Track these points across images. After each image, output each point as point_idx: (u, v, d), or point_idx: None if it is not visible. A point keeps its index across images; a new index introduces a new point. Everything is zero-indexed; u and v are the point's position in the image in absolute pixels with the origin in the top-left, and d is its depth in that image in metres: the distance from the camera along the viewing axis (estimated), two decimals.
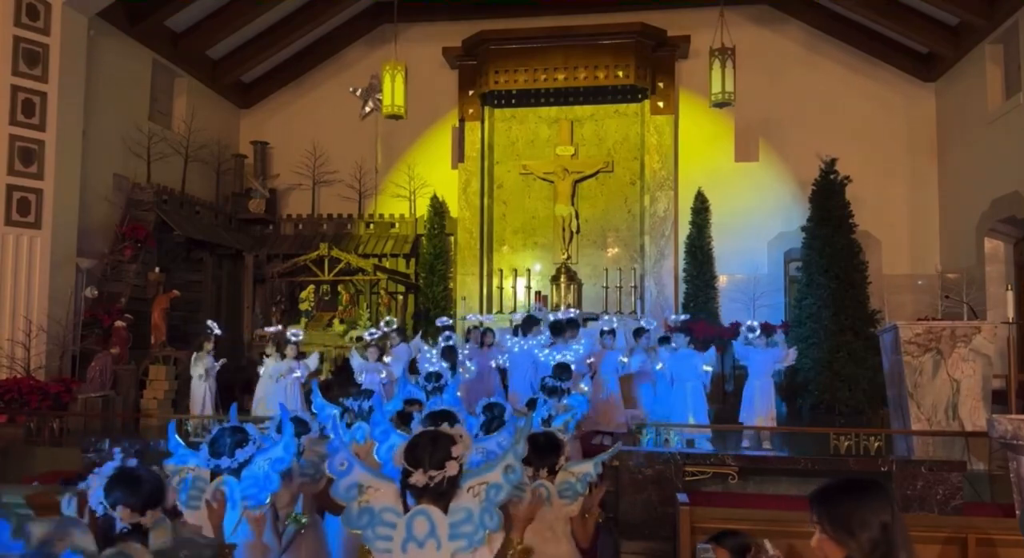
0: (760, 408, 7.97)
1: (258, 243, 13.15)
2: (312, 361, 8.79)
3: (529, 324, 8.43)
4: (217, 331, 8.86)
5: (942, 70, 12.05)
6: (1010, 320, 7.27)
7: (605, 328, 8.69)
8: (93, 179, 10.35)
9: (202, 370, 8.72)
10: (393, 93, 10.55)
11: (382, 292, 12.15)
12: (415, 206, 13.18)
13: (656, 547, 4.89)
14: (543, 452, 3.11)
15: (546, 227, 12.77)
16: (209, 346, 8.86)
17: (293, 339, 8.81)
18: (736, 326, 10.18)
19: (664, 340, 8.37)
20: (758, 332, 8.20)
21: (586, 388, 7.10)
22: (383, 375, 8.26)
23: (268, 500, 2.93)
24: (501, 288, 12.66)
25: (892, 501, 1.97)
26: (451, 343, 8.32)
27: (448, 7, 13.04)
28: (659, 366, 8.14)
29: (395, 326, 9.31)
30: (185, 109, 12.56)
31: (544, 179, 12.74)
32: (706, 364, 8.05)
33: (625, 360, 8.01)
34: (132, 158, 11.31)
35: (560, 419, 4.59)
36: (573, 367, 6.92)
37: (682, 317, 9.51)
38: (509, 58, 12.16)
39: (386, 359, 8.55)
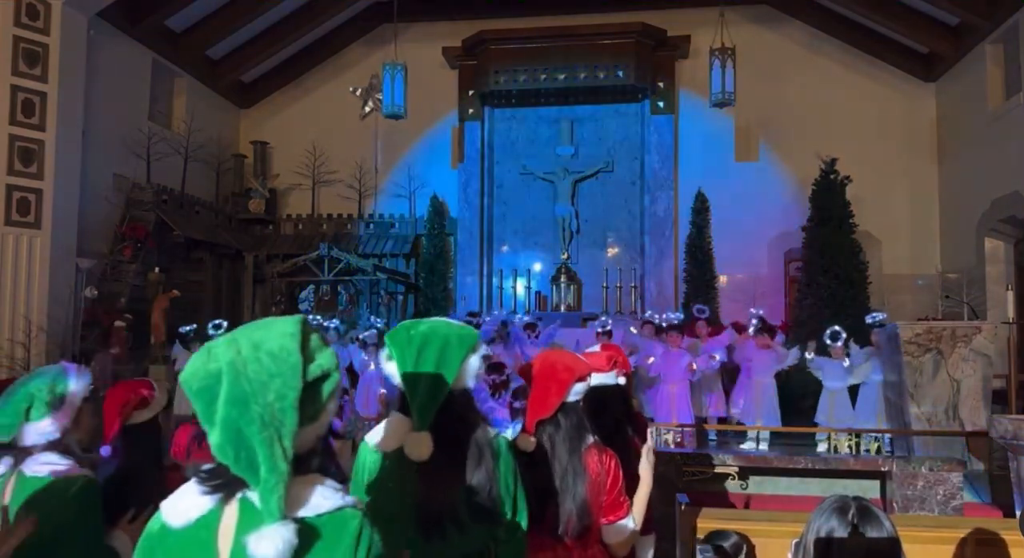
0: (761, 411, 7.94)
1: (258, 243, 13.15)
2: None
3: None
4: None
5: (942, 70, 12.05)
6: (1010, 320, 7.27)
7: (600, 329, 8.69)
8: (93, 179, 10.35)
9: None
10: (393, 93, 10.55)
11: (382, 292, 12.15)
12: (415, 206, 13.18)
13: (656, 547, 4.88)
14: None
15: (546, 227, 12.77)
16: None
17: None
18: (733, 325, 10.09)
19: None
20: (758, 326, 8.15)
21: None
22: None
23: None
24: (501, 288, 12.66)
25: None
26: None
27: (448, 7, 13.04)
28: (650, 360, 8.15)
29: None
30: (185, 109, 12.56)
31: (544, 179, 12.74)
32: (694, 363, 8.02)
33: None
34: (132, 158, 11.31)
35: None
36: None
37: (673, 316, 9.34)
38: (509, 58, 12.15)
39: None
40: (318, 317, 10.04)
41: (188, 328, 9.21)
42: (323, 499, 1.28)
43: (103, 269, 10.52)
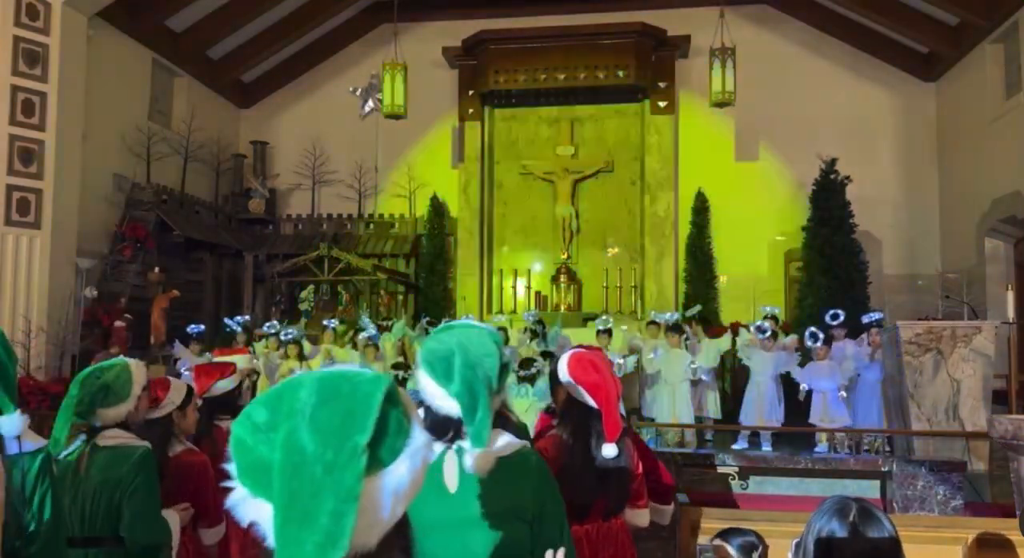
0: (762, 411, 7.91)
1: (258, 243, 13.15)
2: (315, 364, 8.76)
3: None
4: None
5: (942, 70, 12.05)
6: (1010, 320, 7.27)
7: (600, 328, 8.68)
8: (93, 179, 10.35)
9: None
10: (393, 93, 10.55)
11: (382, 292, 12.15)
12: (415, 206, 13.18)
13: (656, 547, 4.89)
14: None
15: (546, 227, 12.75)
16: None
17: (296, 336, 8.82)
18: (735, 326, 10.08)
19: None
20: (768, 333, 8.02)
21: None
22: None
23: None
24: (501, 288, 12.66)
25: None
26: None
27: (448, 6, 13.04)
28: (649, 356, 8.16)
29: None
30: (185, 109, 12.55)
31: (544, 179, 12.72)
32: (695, 364, 7.98)
33: (621, 361, 7.99)
34: (132, 158, 11.31)
35: None
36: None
37: (670, 316, 9.19)
38: (509, 58, 12.14)
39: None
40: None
41: (195, 328, 9.22)
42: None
43: (103, 269, 10.52)
